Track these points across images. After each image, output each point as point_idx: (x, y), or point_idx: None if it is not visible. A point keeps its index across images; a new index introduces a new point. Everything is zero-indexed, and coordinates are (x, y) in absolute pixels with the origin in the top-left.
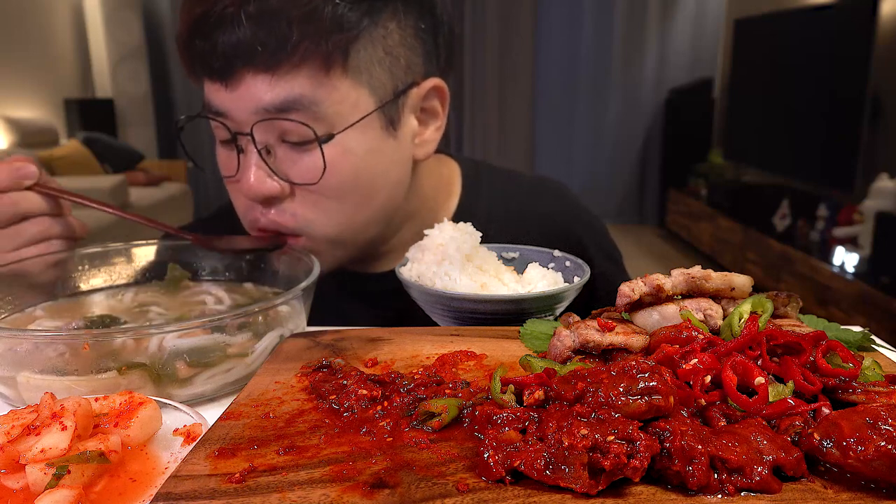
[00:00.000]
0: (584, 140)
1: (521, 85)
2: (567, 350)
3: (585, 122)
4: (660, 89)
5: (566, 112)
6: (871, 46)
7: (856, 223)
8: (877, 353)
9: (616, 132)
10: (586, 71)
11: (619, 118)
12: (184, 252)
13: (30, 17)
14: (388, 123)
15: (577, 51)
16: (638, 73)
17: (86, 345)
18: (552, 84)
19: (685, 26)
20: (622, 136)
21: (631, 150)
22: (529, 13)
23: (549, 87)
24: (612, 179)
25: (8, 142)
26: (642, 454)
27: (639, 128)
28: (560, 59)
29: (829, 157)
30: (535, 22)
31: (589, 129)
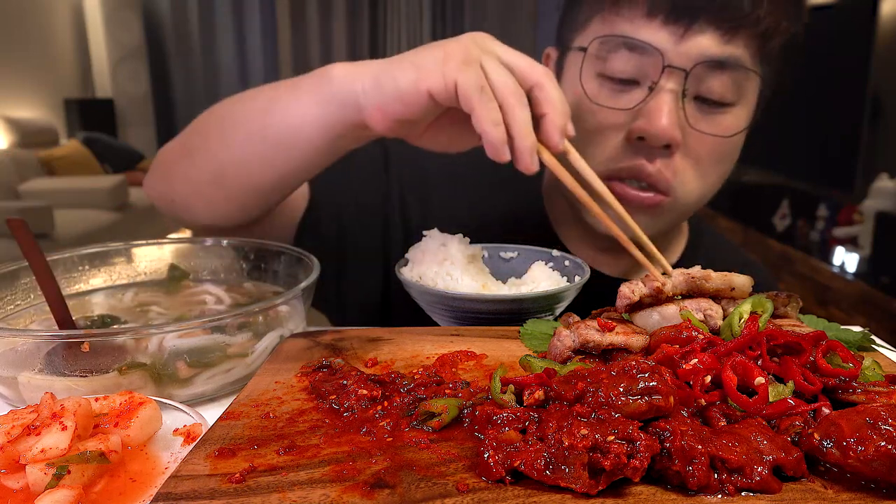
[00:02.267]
0: None
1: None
2: (567, 350)
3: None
4: None
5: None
6: (871, 46)
7: (856, 223)
8: (877, 353)
9: None
10: None
11: None
12: (184, 251)
13: (30, 17)
14: (753, 117)
15: None
16: None
17: (86, 345)
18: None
19: None
20: None
21: None
22: (528, 17)
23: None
24: None
25: (8, 142)
26: (642, 454)
27: None
28: None
29: (829, 157)
30: (536, 21)
31: None
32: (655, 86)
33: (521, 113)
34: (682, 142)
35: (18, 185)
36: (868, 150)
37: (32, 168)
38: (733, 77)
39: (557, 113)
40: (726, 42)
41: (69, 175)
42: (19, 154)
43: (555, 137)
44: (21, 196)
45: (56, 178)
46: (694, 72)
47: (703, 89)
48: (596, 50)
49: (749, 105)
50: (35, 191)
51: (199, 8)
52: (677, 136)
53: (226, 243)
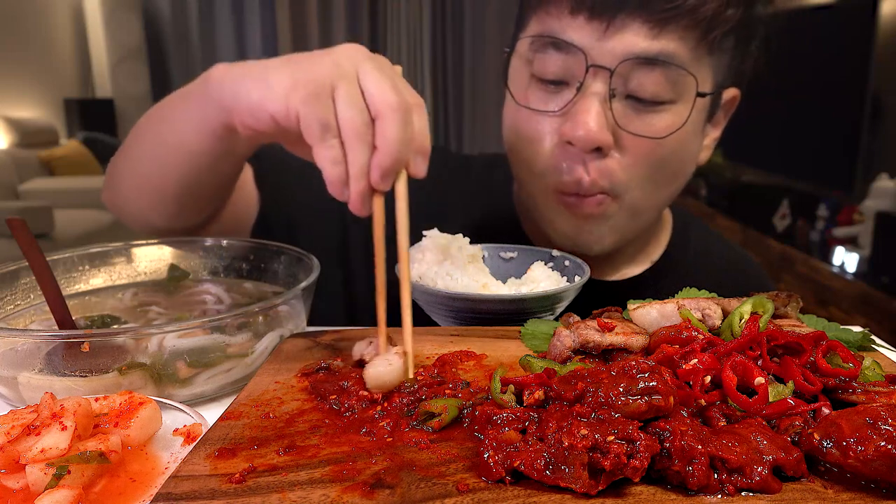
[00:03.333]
0: None
1: None
2: (567, 350)
3: None
4: None
5: None
6: (871, 46)
7: (856, 223)
8: (877, 353)
9: None
10: None
11: None
12: (184, 251)
13: (30, 17)
14: (708, 114)
15: None
16: None
17: (86, 345)
18: None
19: None
20: None
21: None
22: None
23: None
24: None
25: (8, 142)
26: (642, 454)
27: None
28: None
29: (829, 157)
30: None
31: None
32: (581, 86)
33: (360, 154)
34: (612, 144)
35: (18, 185)
36: (868, 150)
37: (32, 168)
38: (665, 74)
39: (386, 152)
40: (654, 37)
41: (69, 175)
42: (19, 154)
43: (376, 175)
44: (21, 196)
45: (56, 178)
46: (619, 70)
47: (633, 88)
48: (525, 51)
49: (689, 102)
50: (35, 191)
51: (199, 8)
52: (604, 139)
53: (226, 243)
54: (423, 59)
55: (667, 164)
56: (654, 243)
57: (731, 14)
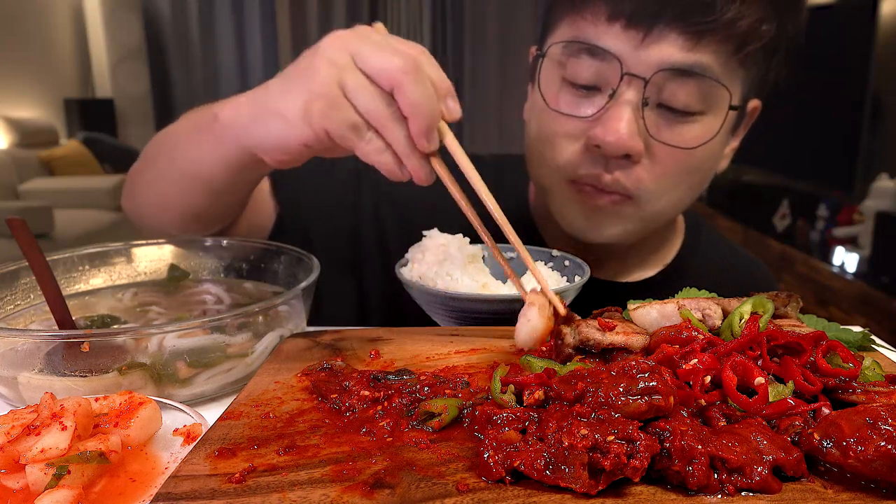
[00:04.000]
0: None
1: (522, 78)
2: (567, 348)
3: None
4: None
5: None
6: (871, 46)
7: (856, 223)
8: (877, 353)
9: None
10: None
11: None
12: (184, 251)
13: (30, 17)
14: (734, 126)
15: None
16: None
17: (86, 345)
18: None
19: None
20: None
21: None
22: (528, 17)
23: None
24: None
25: (8, 142)
26: (642, 454)
27: None
28: None
29: (829, 157)
30: (536, 22)
31: None
32: (615, 94)
33: (397, 132)
34: (643, 152)
35: (18, 185)
36: (868, 150)
37: (32, 168)
38: (699, 86)
39: (418, 115)
40: (690, 49)
41: (69, 175)
42: (19, 154)
43: (421, 143)
44: (21, 196)
45: (56, 178)
46: (654, 80)
47: (665, 98)
48: (558, 54)
49: (719, 116)
50: (35, 191)
51: (199, 8)
52: (635, 147)
53: (226, 243)
54: None
55: (693, 174)
56: (666, 246)
57: (766, 30)
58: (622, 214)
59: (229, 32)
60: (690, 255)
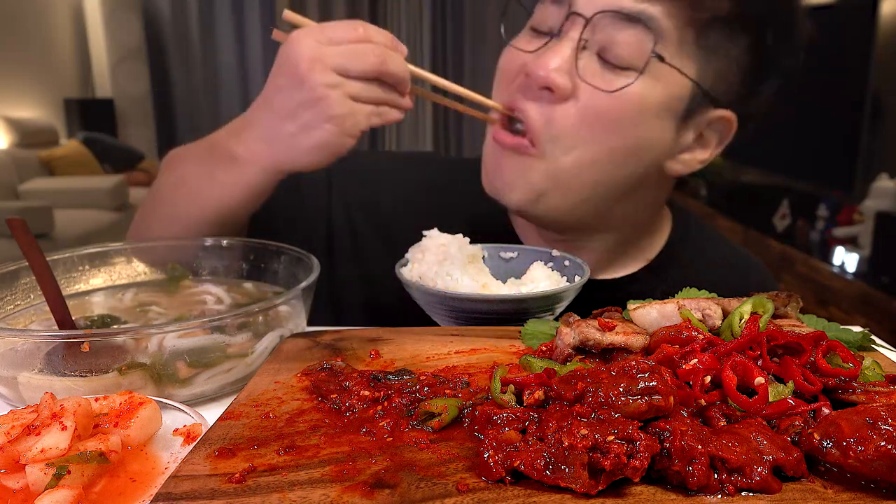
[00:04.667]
0: None
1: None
2: (567, 347)
3: None
4: None
5: None
6: (871, 46)
7: (856, 223)
8: (877, 353)
9: None
10: None
11: None
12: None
13: (30, 17)
14: (683, 114)
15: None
16: None
17: (86, 345)
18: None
19: None
20: None
21: None
22: (528, 16)
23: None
24: None
25: (8, 142)
26: (642, 454)
27: None
28: None
29: (829, 157)
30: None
31: None
32: (560, 32)
33: (398, 99)
34: (567, 91)
35: (18, 185)
36: (868, 150)
37: (32, 168)
38: (639, 38)
39: (404, 81)
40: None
41: (69, 175)
42: (19, 154)
43: (406, 91)
44: (21, 196)
45: (56, 178)
46: (595, 21)
47: (603, 42)
48: (525, 1)
49: (661, 81)
50: (35, 191)
51: (199, 8)
52: (559, 81)
53: (226, 243)
54: (423, 59)
55: (611, 134)
56: (649, 242)
57: (723, 3)
58: (525, 165)
59: (229, 32)
60: (678, 251)
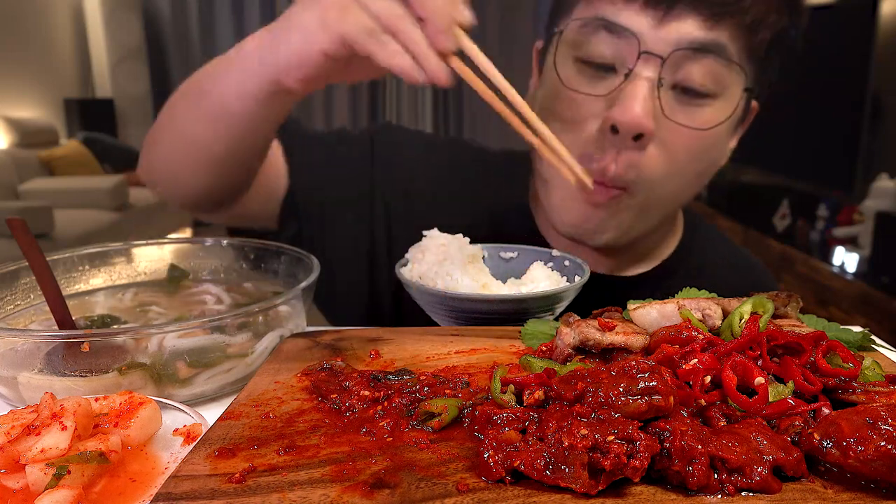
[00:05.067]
0: None
1: (523, 68)
2: (567, 347)
3: None
4: None
5: None
6: (871, 46)
7: (856, 223)
8: (877, 353)
9: None
10: None
11: None
12: (184, 251)
13: (30, 17)
14: (739, 119)
15: None
16: None
17: (86, 345)
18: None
19: None
20: None
21: None
22: (528, 15)
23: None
24: None
25: (8, 142)
26: (642, 454)
27: None
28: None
29: (829, 157)
30: (536, 19)
31: None
32: (631, 73)
33: (413, 32)
34: (653, 133)
35: (18, 185)
36: (868, 150)
37: (32, 168)
38: (714, 66)
39: (433, 13)
40: (709, 28)
41: (69, 175)
42: (19, 154)
43: (440, 41)
44: (21, 196)
45: (56, 178)
46: (672, 59)
47: (681, 77)
48: (574, 33)
49: (731, 100)
50: (35, 191)
51: (199, 8)
52: (648, 126)
53: (226, 243)
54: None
55: (699, 161)
56: (664, 243)
57: (773, 21)
58: (619, 206)
59: (229, 32)
60: (687, 252)
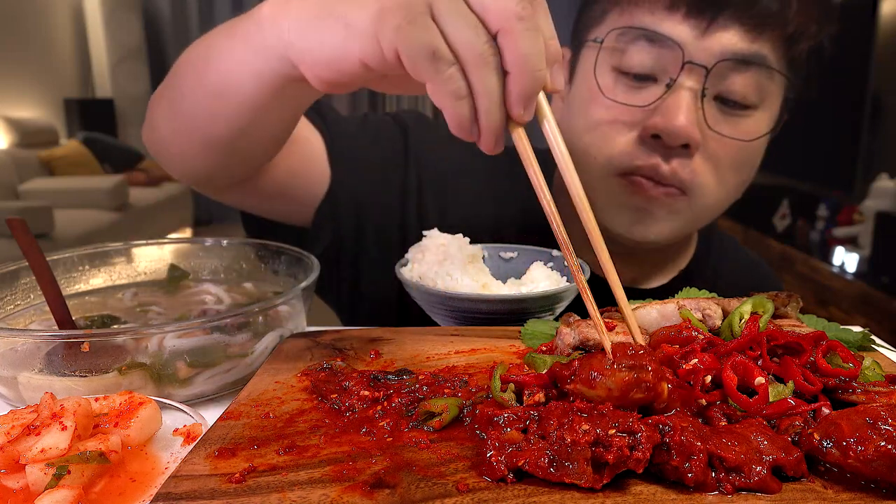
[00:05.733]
0: None
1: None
2: (567, 347)
3: None
4: None
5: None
6: (871, 46)
7: (856, 223)
8: (877, 353)
9: None
10: None
11: None
12: (184, 251)
13: (30, 17)
14: (777, 123)
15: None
16: None
17: (86, 345)
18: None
19: None
20: None
21: None
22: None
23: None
24: None
25: (8, 142)
26: (644, 445)
27: None
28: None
29: (829, 157)
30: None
31: None
32: (674, 83)
33: (490, 81)
34: (700, 142)
35: (18, 185)
36: (868, 150)
37: (32, 168)
38: (757, 77)
39: (524, 73)
40: (752, 40)
41: (69, 175)
42: (19, 154)
43: (515, 107)
44: (21, 196)
45: (56, 178)
46: (716, 69)
47: (724, 89)
48: (613, 42)
49: (772, 109)
50: (35, 191)
51: (199, 8)
52: (696, 136)
53: (226, 243)
54: None
55: (742, 170)
56: (683, 253)
57: (813, 31)
58: (674, 209)
59: None
60: (704, 259)
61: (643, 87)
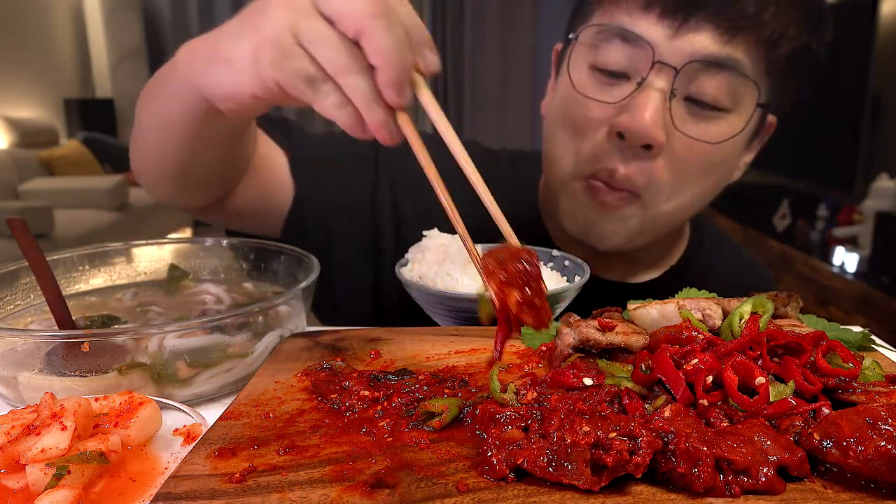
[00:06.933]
0: None
1: (523, 69)
2: (567, 347)
3: None
4: None
5: None
6: (871, 46)
7: (856, 223)
8: (877, 353)
9: None
10: None
11: None
12: (184, 251)
13: (30, 17)
14: (753, 134)
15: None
16: None
17: (86, 345)
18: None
19: None
20: None
21: None
22: (528, 16)
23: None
24: None
25: (8, 142)
26: (644, 450)
27: None
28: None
29: (829, 156)
30: (536, 21)
31: None
32: (643, 81)
33: (359, 83)
34: (664, 145)
35: (18, 185)
36: (868, 150)
37: (32, 168)
38: (729, 81)
39: (387, 65)
40: (725, 43)
41: (69, 175)
42: (19, 154)
43: (389, 94)
44: (21, 196)
45: (56, 178)
46: (685, 70)
47: (694, 90)
48: (590, 39)
49: (744, 115)
50: (35, 191)
51: (199, 8)
52: (658, 137)
53: (226, 243)
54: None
55: (708, 175)
56: (673, 249)
57: (793, 35)
58: (623, 214)
59: None
60: (695, 256)
61: (616, 84)
